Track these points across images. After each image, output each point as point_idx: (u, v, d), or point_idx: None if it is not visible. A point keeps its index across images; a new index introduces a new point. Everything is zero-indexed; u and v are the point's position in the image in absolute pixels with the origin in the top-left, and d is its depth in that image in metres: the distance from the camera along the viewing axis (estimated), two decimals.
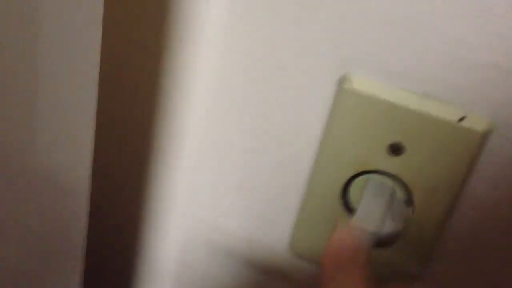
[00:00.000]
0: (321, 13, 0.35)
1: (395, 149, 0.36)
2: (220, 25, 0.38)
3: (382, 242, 0.37)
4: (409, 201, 0.38)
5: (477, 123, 0.34)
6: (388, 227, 0.36)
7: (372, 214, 0.36)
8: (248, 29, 0.38)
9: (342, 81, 0.36)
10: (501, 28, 0.32)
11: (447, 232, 0.39)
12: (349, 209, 0.39)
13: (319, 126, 0.39)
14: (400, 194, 0.38)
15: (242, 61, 0.39)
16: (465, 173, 0.36)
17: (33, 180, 0.36)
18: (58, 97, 0.33)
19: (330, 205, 0.40)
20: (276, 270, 0.46)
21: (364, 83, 0.36)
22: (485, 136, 0.34)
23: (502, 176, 0.36)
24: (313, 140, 0.39)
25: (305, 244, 0.43)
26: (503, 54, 0.33)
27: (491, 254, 0.39)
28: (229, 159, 0.43)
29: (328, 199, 0.40)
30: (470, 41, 0.33)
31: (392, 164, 0.37)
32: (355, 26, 0.35)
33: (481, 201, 0.37)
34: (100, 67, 0.34)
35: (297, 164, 0.41)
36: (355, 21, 0.35)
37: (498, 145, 0.35)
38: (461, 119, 0.34)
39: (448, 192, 0.37)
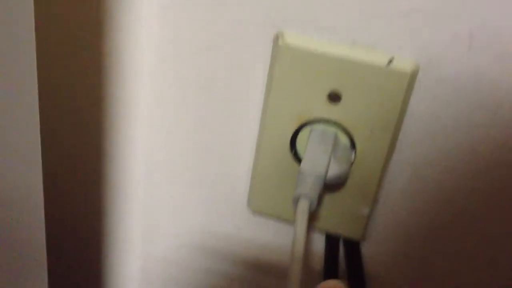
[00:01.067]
0: None
1: (333, 97, 0.39)
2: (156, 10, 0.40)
3: (330, 184, 0.40)
4: (352, 146, 0.40)
5: (404, 64, 0.37)
6: (334, 170, 0.39)
7: (317, 159, 0.38)
8: (183, 7, 0.39)
9: (275, 39, 0.38)
10: None
11: (389, 173, 0.42)
12: (299, 160, 0.42)
13: (261, 85, 0.41)
14: (343, 139, 0.40)
15: (181, 33, 0.41)
16: (398, 113, 0.38)
17: None
18: None
19: (281, 159, 0.42)
20: (237, 234, 0.48)
21: (297, 38, 0.38)
22: (413, 76, 0.37)
23: (430, 113, 0.39)
24: (257, 99, 0.41)
25: (262, 201, 0.45)
26: None
27: (430, 188, 0.42)
28: (179, 130, 0.45)
29: (278, 153, 0.42)
30: None
31: (332, 111, 0.39)
32: None
33: (416, 139, 0.40)
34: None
35: (244, 125, 0.43)
36: None
37: (424, 85, 0.38)
38: (389, 62, 0.37)
39: (385, 133, 0.39)
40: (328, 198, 0.43)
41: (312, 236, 0.47)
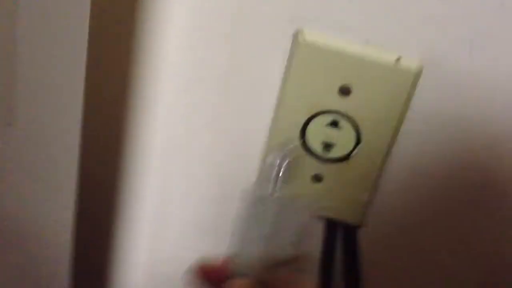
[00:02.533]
0: None
1: (344, 91, 0.43)
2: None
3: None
4: (357, 137, 0.44)
5: (410, 63, 0.41)
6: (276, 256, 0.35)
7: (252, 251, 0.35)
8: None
9: (295, 36, 0.42)
10: None
11: (390, 163, 0.46)
12: (307, 149, 0.46)
13: (278, 77, 0.45)
14: (349, 129, 0.44)
15: (206, 22, 0.44)
16: (402, 108, 0.43)
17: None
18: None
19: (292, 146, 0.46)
20: None
21: (315, 36, 0.42)
22: (418, 74, 0.41)
23: (431, 108, 0.43)
24: (273, 90, 0.45)
25: None
26: (428, 2, 0.40)
27: (428, 179, 0.46)
28: (197, 114, 0.48)
29: (289, 141, 0.46)
30: None
31: (342, 104, 0.43)
32: None
33: (417, 132, 0.44)
34: None
35: (259, 113, 0.47)
36: None
37: (427, 82, 0.42)
38: (397, 60, 0.41)
39: (389, 125, 0.43)
40: (329, 183, 0.47)
41: (311, 221, 0.50)
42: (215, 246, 0.53)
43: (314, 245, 0.51)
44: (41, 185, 0.44)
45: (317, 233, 0.50)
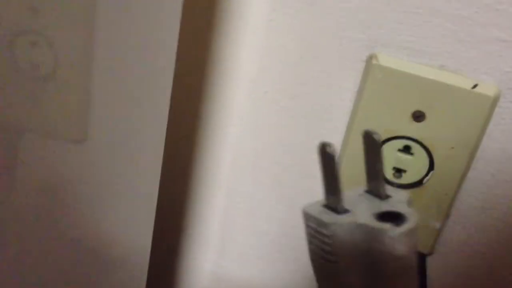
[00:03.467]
0: (350, 3, 0.42)
1: (418, 116, 0.42)
2: (262, 21, 0.44)
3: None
4: (430, 163, 0.43)
5: (488, 89, 0.40)
6: None
7: None
8: (287, 22, 0.44)
9: (369, 59, 0.42)
10: (506, 5, 0.38)
11: (463, 190, 0.45)
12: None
13: (350, 101, 0.44)
14: (422, 156, 0.43)
15: (280, 51, 0.45)
16: (478, 134, 0.42)
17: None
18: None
19: (361, 171, 0.45)
20: None
21: (389, 59, 0.42)
22: (495, 100, 0.40)
23: (507, 134, 0.42)
24: (345, 114, 0.45)
25: None
26: (507, 28, 0.39)
27: (502, 206, 0.45)
28: (266, 134, 0.49)
29: (360, 165, 0.45)
30: (477, 19, 0.39)
31: (415, 129, 0.43)
32: (379, 12, 0.41)
33: (492, 158, 0.43)
34: None
35: (329, 136, 0.46)
36: (378, 7, 0.41)
37: (505, 109, 0.41)
38: (474, 86, 0.40)
39: (464, 151, 0.43)
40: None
41: None
42: (280, 267, 0.53)
43: None
44: (120, 203, 0.45)
45: None
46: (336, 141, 0.46)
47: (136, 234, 0.44)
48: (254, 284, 0.56)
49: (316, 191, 0.49)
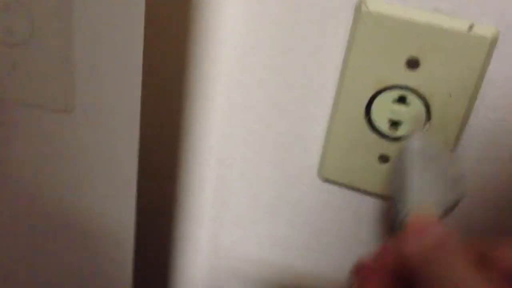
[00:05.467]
0: None
1: (412, 64, 0.40)
2: None
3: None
4: (427, 113, 0.41)
5: (485, 30, 0.38)
6: (449, 201, 0.32)
7: (427, 196, 0.31)
8: None
9: (358, 6, 0.40)
10: None
11: (464, 140, 0.43)
12: (373, 127, 0.43)
13: (340, 51, 0.42)
14: (418, 106, 0.41)
15: (265, 3, 0.42)
16: (477, 78, 0.39)
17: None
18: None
19: (356, 125, 0.43)
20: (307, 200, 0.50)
21: (379, 5, 0.39)
22: (493, 42, 0.38)
23: (508, 78, 0.40)
24: (335, 66, 0.43)
25: (334, 168, 0.46)
26: None
27: (506, 155, 0.42)
28: (256, 93, 0.46)
29: (353, 119, 0.43)
30: None
31: (410, 78, 0.40)
32: None
33: (493, 104, 0.41)
34: None
35: (321, 90, 0.44)
36: None
37: (504, 51, 0.39)
38: (470, 28, 0.38)
39: (462, 99, 0.40)
40: None
41: (379, 206, 0.48)
42: (275, 230, 0.52)
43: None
44: (101, 172, 0.43)
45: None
46: (328, 96, 0.44)
47: (118, 207, 0.43)
48: (253, 250, 0.54)
49: (311, 151, 0.47)
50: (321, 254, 0.52)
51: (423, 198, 0.30)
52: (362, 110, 0.43)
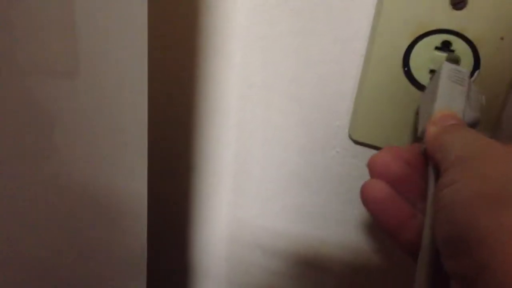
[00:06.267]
0: None
1: (458, 2, 0.35)
2: None
3: None
4: (475, 61, 0.36)
5: None
6: (469, 117, 0.32)
7: (453, 102, 0.32)
8: None
9: None
10: None
11: None
12: (412, 80, 0.38)
13: None
14: (466, 52, 0.36)
15: None
16: None
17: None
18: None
19: (392, 78, 0.38)
20: (335, 164, 0.44)
21: None
22: None
23: None
24: (367, 10, 0.38)
25: (368, 128, 0.41)
26: None
27: None
28: (278, 44, 0.41)
29: (389, 70, 0.38)
30: None
31: (455, 19, 0.35)
32: None
33: None
34: None
35: (351, 38, 0.39)
36: None
37: None
38: None
39: None
40: None
41: None
42: (301, 197, 0.47)
43: None
44: (110, 137, 0.39)
45: None
46: (360, 45, 0.39)
47: (130, 178, 0.39)
48: (276, 223, 0.49)
49: (341, 110, 0.42)
50: (349, 225, 0.47)
51: (447, 106, 0.31)
52: (399, 59, 0.37)
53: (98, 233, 0.43)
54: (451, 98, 0.32)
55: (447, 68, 0.34)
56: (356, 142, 0.42)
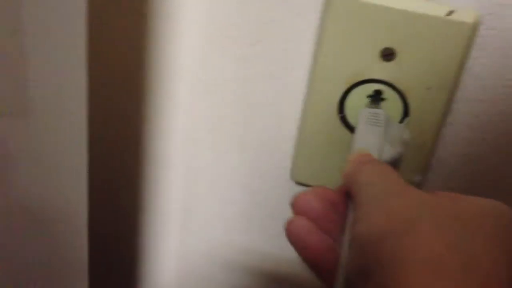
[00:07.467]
0: None
1: (387, 55, 0.37)
2: None
3: None
4: (404, 108, 0.38)
5: (465, 15, 0.35)
6: (387, 153, 0.34)
7: (369, 144, 0.35)
8: None
9: None
10: None
11: (444, 136, 0.40)
12: (347, 125, 0.40)
13: (310, 43, 0.39)
14: (395, 102, 0.38)
15: None
16: (457, 70, 0.36)
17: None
18: None
19: (328, 123, 0.40)
20: (281, 201, 0.46)
21: None
22: (474, 27, 0.35)
23: (490, 69, 0.37)
24: (305, 59, 0.40)
25: (307, 170, 0.43)
26: None
27: (489, 152, 0.40)
28: (223, 89, 0.43)
29: (326, 116, 0.40)
30: None
31: (385, 70, 0.37)
32: None
33: (475, 97, 0.38)
34: None
35: (290, 86, 0.41)
36: None
37: (485, 38, 0.36)
38: (449, 13, 0.35)
39: (442, 92, 0.37)
40: None
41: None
42: (246, 234, 0.48)
43: None
44: (53, 172, 0.39)
45: None
46: (298, 92, 0.41)
47: (71, 200, 0.39)
48: (223, 258, 0.51)
49: (283, 151, 0.44)
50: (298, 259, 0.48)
51: (363, 148, 0.34)
52: (335, 106, 0.39)
53: (37, 273, 0.42)
54: (367, 139, 0.35)
55: (364, 113, 0.36)
56: (298, 183, 0.44)
